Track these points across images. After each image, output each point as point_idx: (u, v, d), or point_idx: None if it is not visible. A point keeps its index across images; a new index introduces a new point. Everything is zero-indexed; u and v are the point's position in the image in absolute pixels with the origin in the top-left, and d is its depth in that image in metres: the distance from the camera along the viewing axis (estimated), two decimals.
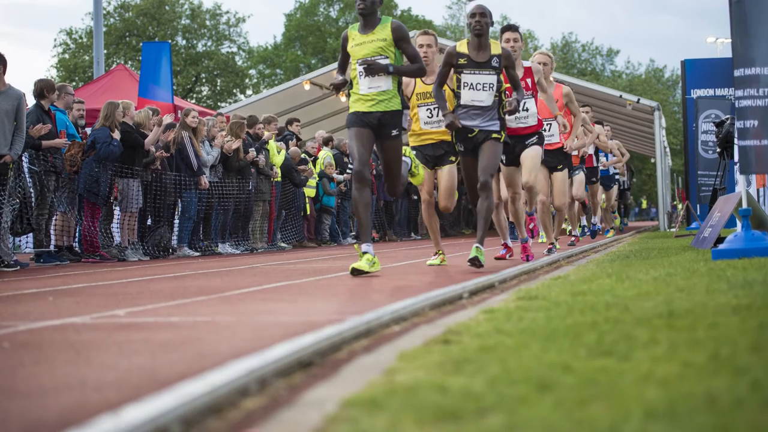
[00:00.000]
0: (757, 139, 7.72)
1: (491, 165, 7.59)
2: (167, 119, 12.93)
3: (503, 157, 8.85)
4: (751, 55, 7.73)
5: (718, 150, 13.85)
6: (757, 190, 11.03)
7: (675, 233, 16.59)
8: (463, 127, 7.72)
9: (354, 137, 7.34)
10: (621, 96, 24.37)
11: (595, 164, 16.36)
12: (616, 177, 19.93)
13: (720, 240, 8.99)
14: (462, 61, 7.70)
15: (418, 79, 8.54)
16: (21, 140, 10.02)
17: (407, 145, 8.60)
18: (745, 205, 7.80)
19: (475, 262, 7.27)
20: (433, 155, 8.60)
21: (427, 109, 8.56)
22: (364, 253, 7.14)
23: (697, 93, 20.11)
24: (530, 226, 10.23)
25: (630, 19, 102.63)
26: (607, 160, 18.68)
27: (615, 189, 19.24)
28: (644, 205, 68.73)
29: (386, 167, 7.61)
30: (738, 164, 8.25)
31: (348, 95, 7.68)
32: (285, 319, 4.18)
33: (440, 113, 8.14)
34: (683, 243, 11.72)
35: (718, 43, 46.66)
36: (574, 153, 13.89)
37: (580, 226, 16.28)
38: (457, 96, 7.74)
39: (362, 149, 7.28)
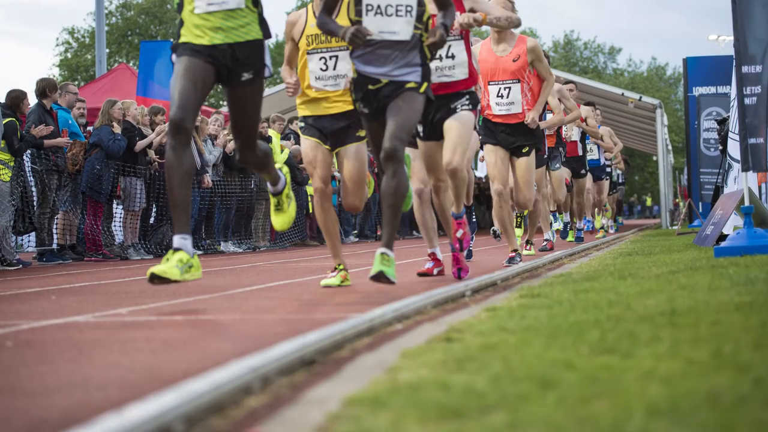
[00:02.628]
0: (752, 137, 7.73)
1: (405, 125, 5.03)
2: (162, 127, 12.90)
3: (419, 128, 6.27)
4: (752, 53, 7.74)
5: (720, 147, 13.84)
6: (759, 187, 11.03)
7: (677, 231, 16.58)
8: (363, 77, 5.18)
9: (181, 74, 4.75)
10: (623, 94, 24.39)
11: (580, 153, 13.69)
12: (608, 169, 17.36)
13: (722, 237, 8.99)
14: None
15: (311, 14, 6.00)
16: None
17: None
18: (747, 203, 7.80)
19: (380, 278, 4.85)
20: (331, 129, 6.06)
21: (320, 58, 5.95)
22: (176, 249, 4.68)
23: (699, 91, 20.10)
24: (457, 234, 6.52)
25: (632, 16, 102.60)
26: (598, 147, 15.97)
27: (606, 182, 16.55)
28: (648, 202, 68.66)
29: (236, 123, 5.06)
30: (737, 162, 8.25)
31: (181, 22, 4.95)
32: (287, 318, 4.19)
33: (336, 64, 5.90)
34: (685, 241, 11.72)
35: (720, 41, 46.61)
36: (547, 132, 10.99)
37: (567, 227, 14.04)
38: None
39: (190, 88, 4.74)
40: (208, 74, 4.80)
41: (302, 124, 6.22)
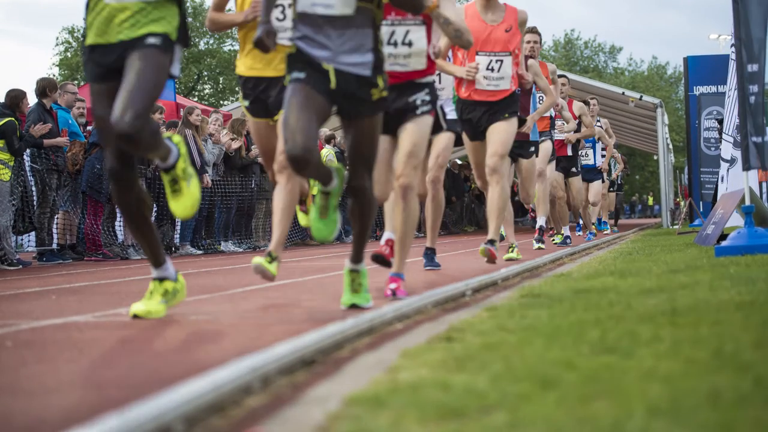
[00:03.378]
0: (755, 136, 7.73)
1: (368, 148, 4.30)
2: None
3: None
4: (753, 52, 7.75)
5: (721, 147, 13.83)
6: (759, 185, 11.03)
7: (678, 230, 16.57)
8: (303, 54, 4.21)
9: (97, 103, 4.16)
10: (624, 93, 24.36)
11: (570, 153, 12.99)
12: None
13: (723, 237, 8.99)
14: None
15: None
16: None
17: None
18: (748, 202, 7.79)
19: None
20: (279, 101, 5.25)
21: (277, 5, 5.32)
22: (160, 280, 4.33)
23: (699, 90, 20.09)
24: (390, 286, 5.06)
25: (632, 15, 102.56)
26: (593, 150, 15.03)
27: (599, 183, 15.27)
28: (650, 202, 68.68)
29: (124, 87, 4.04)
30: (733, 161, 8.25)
31: None
32: (287, 317, 4.18)
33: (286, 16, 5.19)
34: (686, 240, 11.71)
35: (720, 40, 46.61)
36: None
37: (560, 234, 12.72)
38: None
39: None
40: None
41: (246, 103, 5.53)
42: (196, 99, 48.99)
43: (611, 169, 17.61)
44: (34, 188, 11.08)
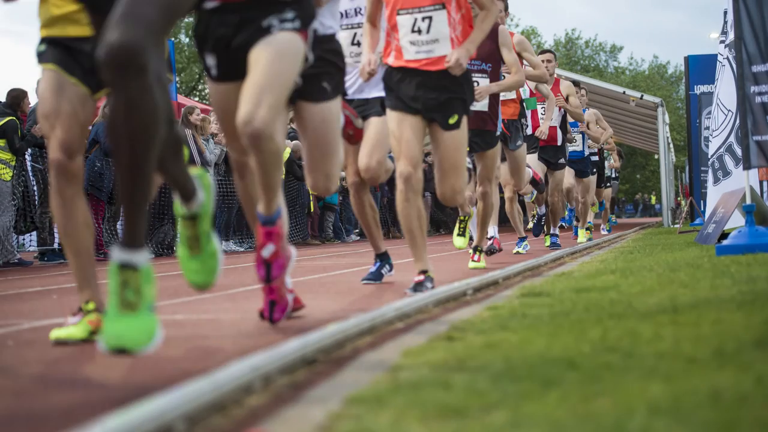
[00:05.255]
0: (757, 135, 7.73)
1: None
2: None
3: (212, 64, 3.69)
4: (752, 51, 7.74)
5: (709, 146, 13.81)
6: (760, 183, 11.02)
7: (679, 229, 16.57)
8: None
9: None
10: (624, 92, 24.36)
11: (559, 142, 11.06)
12: (594, 158, 14.72)
13: (724, 236, 8.98)
14: None
15: None
16: None
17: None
18: (749, 201, 7.79)
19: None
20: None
21: None
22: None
23: (700, 89, 20.05)
24: (263, 252, 3.74)
25: (633, 14, 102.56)
26: (582, 136, 13.09)
27: (593, 178, 13.66)
28: (653, 201, 68.65)
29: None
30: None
31: None
32: (289, 316, 4.18)
33: None
34: (687, 239, 11.71)
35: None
36: (503, 97, 8.56)
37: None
38: None
39: None
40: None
41: (43, 47, 3.66)
42: (197, 99, 48.96)
43: (603, 158, 17.11)
44: (35, 188, 11.09)
